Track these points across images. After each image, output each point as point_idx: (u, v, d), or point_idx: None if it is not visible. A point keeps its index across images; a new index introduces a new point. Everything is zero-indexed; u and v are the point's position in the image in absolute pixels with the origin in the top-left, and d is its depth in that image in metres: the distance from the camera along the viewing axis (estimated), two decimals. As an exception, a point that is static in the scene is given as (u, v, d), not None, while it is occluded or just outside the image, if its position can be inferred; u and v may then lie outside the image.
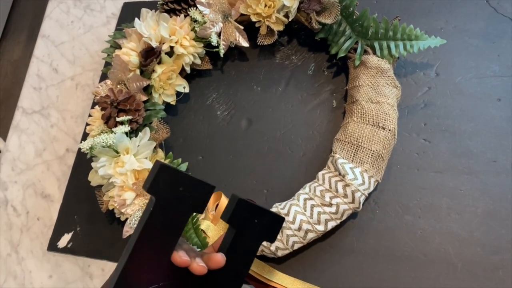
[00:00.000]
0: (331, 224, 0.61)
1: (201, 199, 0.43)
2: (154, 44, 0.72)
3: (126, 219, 0.66)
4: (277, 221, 0.47)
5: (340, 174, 0.61)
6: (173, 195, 0.41)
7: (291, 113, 0.75)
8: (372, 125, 0.63)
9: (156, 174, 0.39)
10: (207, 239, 0.64)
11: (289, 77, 0.77)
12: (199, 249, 0.64)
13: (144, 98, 0.73)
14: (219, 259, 0.42)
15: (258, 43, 0.74)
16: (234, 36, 0.74)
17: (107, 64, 0.84)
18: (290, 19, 0.71)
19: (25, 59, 1.12)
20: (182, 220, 0.42)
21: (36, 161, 0.87)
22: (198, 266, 0.40)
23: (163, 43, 0.73)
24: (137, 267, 0.39)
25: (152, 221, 0.40)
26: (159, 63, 0.73)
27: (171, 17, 0.74)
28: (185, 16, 0.74)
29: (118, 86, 0.73)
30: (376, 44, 0.68)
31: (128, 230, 0.65)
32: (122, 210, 0.65)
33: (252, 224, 0.45)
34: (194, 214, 0.66)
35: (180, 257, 0.40)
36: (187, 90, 0.78)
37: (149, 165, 0.66)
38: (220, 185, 0.73)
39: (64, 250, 0.77)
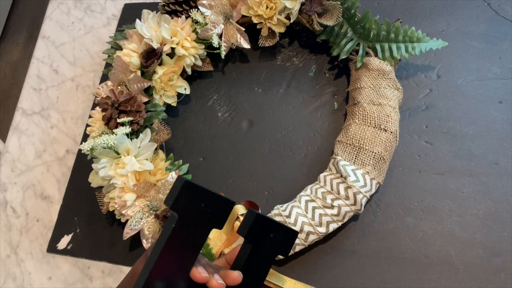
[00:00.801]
0: (332, 226, 0.61)
1: (222, 215, 0.43)
2: (155, 45, 0.72)
3: (127, 220, 0.66)
4: (291, 235, 0.47)
5: (341, 176, 0.61)
6: (195, 212, 0.41)
7: (292, 114, 0.75)
8: (374, 127, 0.62)
9: (179, 191, 0.39)
10: (208, 240, 0.64)
11: (290, 78, 0.77)
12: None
13: (145, 99, 0.73)
14: (236, 277, 0.42)
15: (260, 45, 0.74)
16: (235, 37, 0.74)
17: (108, 65, 0.84)
18: (291, 21, 0.71)
19: (24, 60, 1.12)
20: (202, 236, 0.42)
21: (36, 162, 0.87)
22: (217, 283, 0.41)
23: (164, 44, 0.73)
24: (157, 282, 0.39)
25: (173, 237, 0.40)
26: (160, 64, 0.73)
27: (172, 18, 0.74)
28: (187, 18, 0.74)
29: (119, 87, 0.73)
30: (377, 46, 0.68)
31: (129, 231, 0.65)
32: (123, 212, 0.65)
33: (268, 238, 0.45)
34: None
35: (199, 273, 0.41)
36: (188, 91, 0.77)
37: (150, 166, 0.65)
38: (221, 187, 0.73)
39: (64, 252, 0.77)
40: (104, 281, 0.74)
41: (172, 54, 0.74)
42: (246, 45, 0.75)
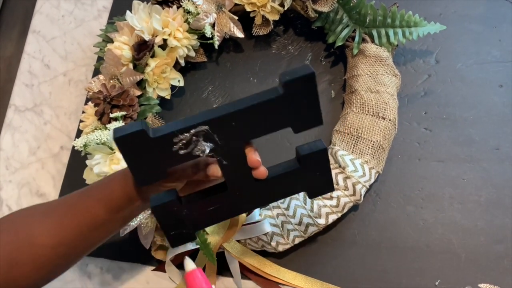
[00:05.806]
0: (332, 217, 0.60)
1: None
2: (146, 37, 0.70)
3: (123, 216, 0.65)
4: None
5: (340, 166, 0.60)
6: (291, 99, 0.43)
7: (289, 104, 0.73)
8: (372, 115, 0.61)
9: (301, 75, 0.40)
10: (206, 235, 0.63)
11: (286, 67, 0.76)
12: (198, 246, 0.63)
13: (138, 92, 0.71)
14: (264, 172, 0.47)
15: (254, 34, 0.73)
16: (228, 27, 0.73)
17: (100, 59, 0.82)
18: (285, 8, 0.70)
19: (18, 56, 1.11)
20: (282, 122, 0.45)
21: (30, 159, 0.86)
22: (264, 170, 0.47)
23: (156, 36, 0.71)
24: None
25: (266, 105, 0.42)
26: (152, 56, 0.72)
27: (163, 8, 0.72)
28: (178, 8, 0.72)
29: (111, 81, 0.72)
30: (374, 32, 0.66)
31: (126, 228, 0.64)
32: (119, 208, 0.64)
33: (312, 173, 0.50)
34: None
35: (256, 157, 0.46)
36: (182, 83, 0.76)
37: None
38: (218, 180, 0.72)
39: (62, 249, 0.76)
40: (103, 277, 0.73)
41: (164, 45, 0.72)
42: (239, 34, 0.73)
